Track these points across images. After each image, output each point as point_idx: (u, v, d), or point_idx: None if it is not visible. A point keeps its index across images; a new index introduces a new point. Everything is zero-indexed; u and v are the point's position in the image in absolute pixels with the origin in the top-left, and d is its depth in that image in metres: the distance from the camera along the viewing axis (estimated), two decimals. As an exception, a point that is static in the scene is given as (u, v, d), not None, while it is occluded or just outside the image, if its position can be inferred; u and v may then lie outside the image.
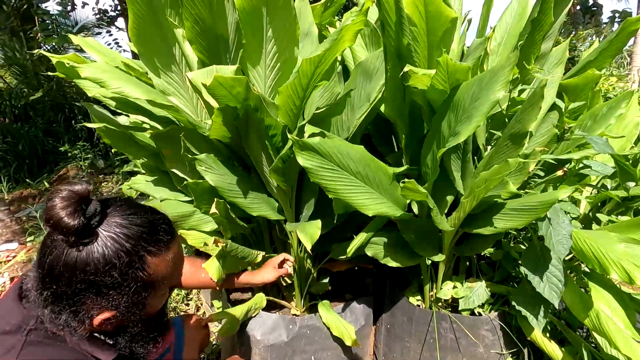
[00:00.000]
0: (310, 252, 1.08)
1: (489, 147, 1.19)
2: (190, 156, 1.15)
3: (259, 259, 1.25)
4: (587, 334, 1.37)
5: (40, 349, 0.60)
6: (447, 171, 1.02)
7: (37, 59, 5.63)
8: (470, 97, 0.80)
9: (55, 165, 5.20)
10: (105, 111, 1.39)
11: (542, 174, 1.07)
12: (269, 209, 1.16)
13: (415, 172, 1.09)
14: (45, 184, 4.44)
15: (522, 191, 1.02)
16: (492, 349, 1.23)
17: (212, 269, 1.12)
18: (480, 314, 1.26)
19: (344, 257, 1.17)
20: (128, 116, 1.55)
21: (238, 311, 1.19)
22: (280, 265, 1.18)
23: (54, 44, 5.21)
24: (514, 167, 0.79)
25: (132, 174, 4.68)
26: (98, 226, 0.60)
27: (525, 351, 1.26)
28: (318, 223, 1.01)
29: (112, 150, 5.29)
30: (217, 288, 1.21)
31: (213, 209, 1.03)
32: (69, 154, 4.12)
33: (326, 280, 1.40)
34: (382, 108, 1.10)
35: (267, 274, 1.16)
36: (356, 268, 1.53)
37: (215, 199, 1.04)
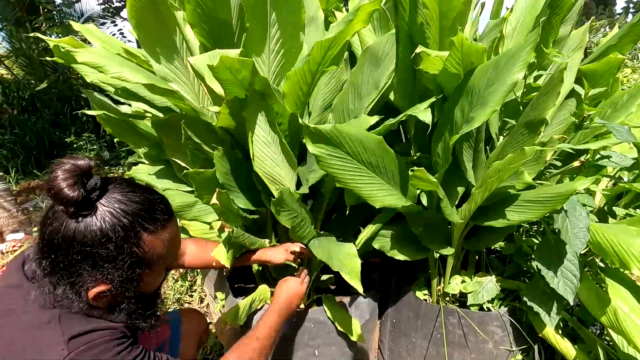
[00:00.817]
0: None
1: (501, 137, 1.15)
2: (191, 145, 1.12)
3: (266, 245, 1.22)
4: (600, 331, 1.33)
5: (74, 321, 0.62)
6: (458, 161, 0.98)
7: (43, 49, 5.63)
8: (486, 81, 0.75)
9: (62, 156, 5.22)
10: (107, 99, 1.36)
11: (559, 164, 1.02)
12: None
13: (425, 162, 1.05)
14: (52, 175, 4.45)
15: (536, 182, 0.98)
16: (501, 345, 1.20)
17: (222, 257, 1.08)
18: (489, 310, 1.23)
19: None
20: (130, 106, 1.53)
21: (242, 304, 1.17)
22: (293, 253, 1.16)
23: (58, 33, 5.21)
24: (530, 155, 0.74)
25: (137, 164, 4.69)
26: (97, 200, 0.61)
27: (536, 348, 1.22)
28: (352, 250, 0.97)
29: (115, 140, 5.28)
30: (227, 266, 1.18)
31: (214, 200, 1.00)
32: (75, 145, 4.11)
33: (331, 274, 1.37)
34: (391, 96, 1.06)
35: (277, 254, 1.13)
36: (361, 262, 1.50)
37: (217, 189, 1.01)
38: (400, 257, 1.05)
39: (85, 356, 0.58)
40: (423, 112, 0.81)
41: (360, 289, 0.89)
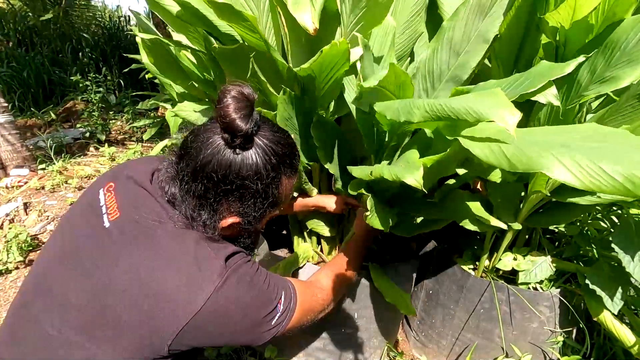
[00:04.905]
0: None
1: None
2: (254, 83, 1.02)
3: (314, 193, 1.18)
4: None
5: (216, 244, 0.63)
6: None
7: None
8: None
9: (62, 97, 4.98)
10: (152, 26, 1.23)
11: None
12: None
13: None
14: (52, 114, 4.24)
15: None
16: (546, 325, 1.18)
17: None
18: (535, 289, 1.20)
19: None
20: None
21: (289, 259, 1.11)
22: (347, 204, 1.13)
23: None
24: (662, 127, 0.67)
25: (143, 114, 4.50)
26: (255, 135, 0.60)
27: (575, 330, 1.21)
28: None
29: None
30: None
31: None
32: (80, 85, 3.89)
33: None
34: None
35: (334, 202, 1.11)
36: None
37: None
38: (471, 227, 0.99)
39: (239, 272, 0.61)
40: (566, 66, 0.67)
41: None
